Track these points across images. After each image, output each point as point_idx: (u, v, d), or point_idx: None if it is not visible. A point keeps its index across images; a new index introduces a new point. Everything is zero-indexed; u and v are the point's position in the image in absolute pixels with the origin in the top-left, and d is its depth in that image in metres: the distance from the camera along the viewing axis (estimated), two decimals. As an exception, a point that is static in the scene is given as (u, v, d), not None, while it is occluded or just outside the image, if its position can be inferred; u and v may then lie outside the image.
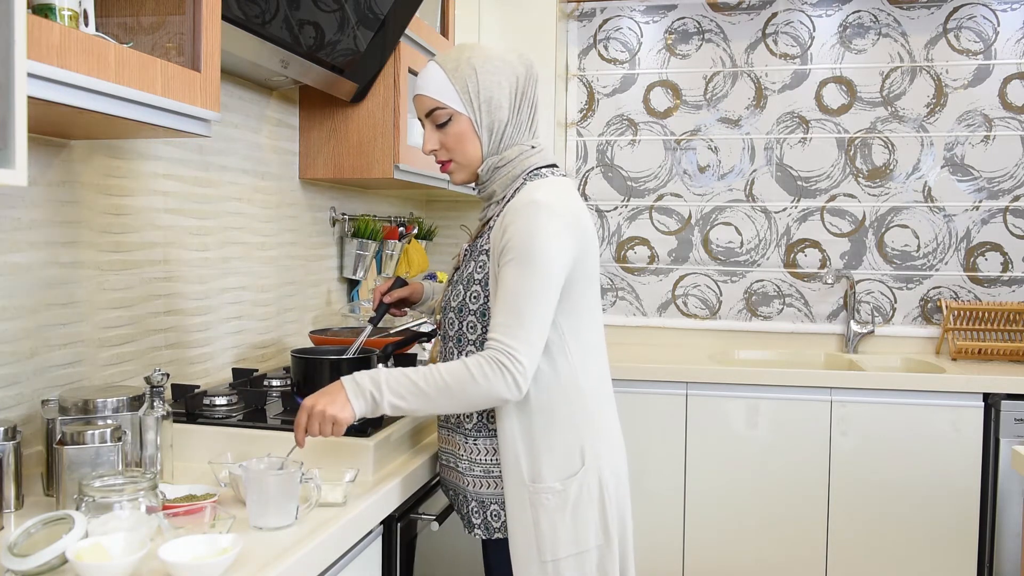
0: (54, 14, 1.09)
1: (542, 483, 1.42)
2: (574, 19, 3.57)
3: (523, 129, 1.51)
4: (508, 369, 1.33)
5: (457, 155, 1.50)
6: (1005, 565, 2.78)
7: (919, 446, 2.82)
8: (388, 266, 2.85)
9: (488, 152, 1.49)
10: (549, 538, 1.42)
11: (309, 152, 2.39)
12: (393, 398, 1.34)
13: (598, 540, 1.45)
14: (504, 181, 1.49)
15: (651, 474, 2.97)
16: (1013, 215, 3.27)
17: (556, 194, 1.42)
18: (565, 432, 1.44)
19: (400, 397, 1.34)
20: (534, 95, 1.52)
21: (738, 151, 3.46)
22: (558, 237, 1.38)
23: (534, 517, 1.42)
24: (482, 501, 1.50)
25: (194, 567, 1.03)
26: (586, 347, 1.47)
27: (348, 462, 1.47)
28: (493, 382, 1.33)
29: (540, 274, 1.36)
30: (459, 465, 1.52)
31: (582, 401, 1.45)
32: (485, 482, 1.49)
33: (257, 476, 1.22)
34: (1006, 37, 3.24)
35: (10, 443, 1.26)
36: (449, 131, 1.48)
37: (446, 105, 1.46)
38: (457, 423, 1.51)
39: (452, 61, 1.47)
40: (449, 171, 1.53)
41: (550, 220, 1.38)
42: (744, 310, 3.48)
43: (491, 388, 1.33)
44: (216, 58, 1.38)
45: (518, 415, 1.43)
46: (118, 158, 1.67)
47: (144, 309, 1.76)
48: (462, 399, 1.35)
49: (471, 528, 1.52)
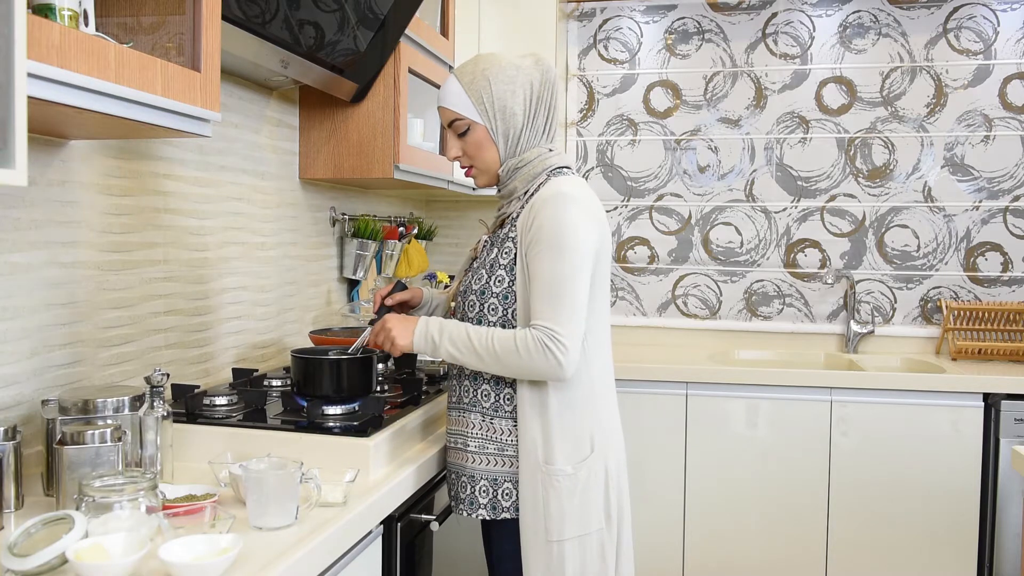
0: (54, 14, 1.09)
1: (555, 465, 1.50)
2: (574, 19, 3.58)
3: (539, 133, 1.60)
4: (551, 350, 1.43)
5: (477, 161, 1.60)
6: (1005, 565, 2.78)
7: (919, 446, 2.82)
8: (388, 266, 2.85)
9: (505, 156, 1.59)
10: (557, 519, 1.50)
11: (309, 152, 2.39)
12: (450, 347, 1.49)
13: (599, 524, 1.54)
14: (525, 178, 1.58)
15: (651, 474, 2.97)
16: (1013, 215, 3.27)
17: (581, 188, 1.53)
18: (578, 419, 1.53)
19: (456, 348, 1.48)
20: (551, 99, 1.59)
21: (738, 151, 3.46)
22: (585, 226, 1.48)
23: (544, 498, 1.50)
24: (494, 479, 1.56)
25: (194, 567, 1.03)
26: (598, 341, 1.57)
27: (348, 462, 1.47)
28: (536, 359, 1.44)
29: (572, 260, 1.46)
30: (469, 445, 1.58)
31: (593, 391, 1.55)
32: (499, 460, 1.56)
33: (257, 476, 1.22)
34: (1006, 37, 3.24)
35: (10, 443, 1.26)
36: (468, 140, 1.58)
37: (464, 116, 1.57)
38: (474, 402, 1.58)
39: (468, 74, 1.56)
40: (472, 176, 1.65)
41: (578, 210, 1.48)
42: (744, 310, 3.48)
43: (533, 365, 1.44)
44: (216, 58, 1.38)
45: (537, 400, 1.51)
46: (118, 158, 1.67)
47: (144, 309, 1.76)
48: (508, 367, 1.47)
49: (473, 509, 1.56)
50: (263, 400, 1.71)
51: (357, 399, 1.67)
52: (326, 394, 1.64)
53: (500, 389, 1.56)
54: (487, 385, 1.57)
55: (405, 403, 1.80)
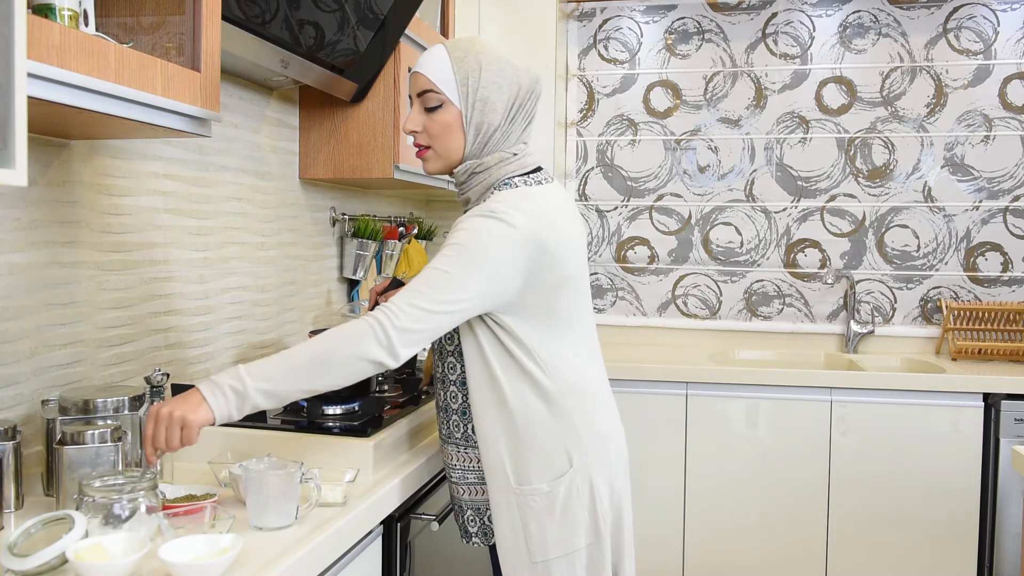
0: (54, 14, 1.09)
1: (529, 485, 1.41)
2: (574, 19, 3.57)
3: (511, 139, 1.47)
4: (383, 326, 1.27)
5: (438, 144, 1.46)
6: (1005, 565, 2.78)
7: (919, 446, 2.82)
8: (388, 266, 2.85)
9: (470, 152, 1.46)
10: (538, 540, 1.41)
11: (309, 152, 2.39)
12: (259, 383, 1.23)
13: (588, 540, 1.43)
14: (479, 189, 1.46)
15: (651, 474, 2.97)
16: (1013, 215, 3.27)
17: (517, 207, 1.36)
18: (548, 434, 1.42)
19: (267, 380, 1.23)
20: (532, 110, 1.49)
21: (738, 151, 3.46)
22: (505, 246, 1.33)
23: (522, 519, 1.41)
24: (478, 508, 1.51)
25: (194, 567, 1.03)
26: (574, 351, 1.46)
27: (348, 462, 1.47)
28: (365, 339, 1.26)
29: (468, 264, 1.31)
30: (453, 475, 1.53)
31: (564, 405, 1.42)
32: (479, 489, 1.50)
33: (257, 476, 1.22)
34: (1006, 37, 3.24)
35: (10, 443, 1.26)
36: (436, 118, 1.44)
37: (440, 90, 1.42)
38: (448, 434, 1.52)
39: (460, 51, 1.43)
40: (424, 158, 1.49)
41: (500, 229, 1.33)
42: (744, 310, 3.48)
43: (361, 346, 1.26)
44: (216, 58, 1.38)
45: (498, 419, 1.41)
46: (118, 158, 1.67)
47: (144, 309, 1.76)
48: (336, 363, 1.26)
49: (468, 538, 1.53)
50: (263, 400, 1.71)
51: (357, 399, 1.67)
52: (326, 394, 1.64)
53: (466, 420, 1.48)
54: (456, 416, 1.50)
55: (405, 403, 1.80)
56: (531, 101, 1.48)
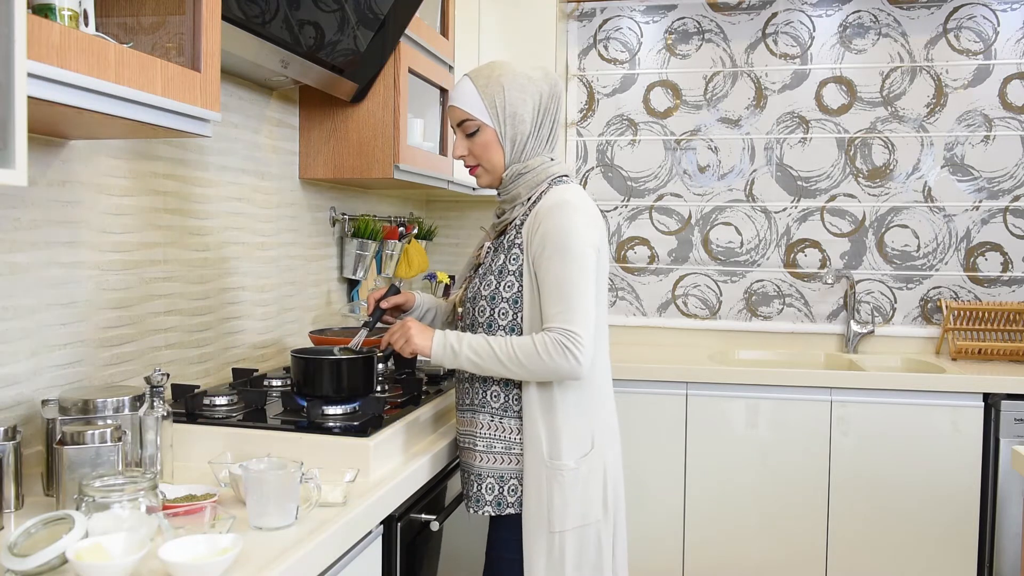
0: (54, 14, 1.09)
1: (559, 460, 1.57)
2: (574, 19, 3.57)
3: (543, 142, 1.68)
4: (570, 350, 1.50)
5: (483, 161, 1.67)
6: (1005, 565, 2.78)
7: (919, 446, 2.82)
8: (388, 266, 2.85)
9: (510, 160, 1.66)
10: (559, 511, 1.57)
11: (309, 152, 2.39)
12: (471, 354, 1.54)
13: (598, 516, 1.62)
14: (528, 185, 1.65)
15: (651, 474, 2.97)
16: (1013, 215, 3.27)
17: (582, 196, 1.62)
18: (581, 418, 1.60)
19: (476, 355, 1.54)
20: (556, 112, 1.68)
21: (738, 151, 3.46)
22: (588, 232, 1.56)
23: (549, 491, 1.57)
24: (500, 476, 1.63)
25: (194, 567, 1.03)
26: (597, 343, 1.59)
27: (348, 462, 1.47)
28: (557, 360, 1.50)
29: (578, 263, 1.53)
30: (477, 444, 1.64)
31: (594, 391, 1.63)
32: (505, 458, 1.62)
33: (257, 476, 1.22)
34: (1006, 37, 3.24)
35: (10, 443, 1.26)
36: (477, 140, 1.65)
37: (475, 117, 1.64)
38: (483, 403, 1.64)
39: (483, 78, 1.64)
40: (476, 175, 1.71)
41: (581, 217, 1.56)
42: (744, 310, 3.48)
43: (555, 366, 1.51)
44: (216, 58, 1.38)
45: (545, 399, 1.58)
46: (118, 158, 1.67)
47: (144, 309, 1.76)
48: (529, 369, 1.53)
49: (479, 507, 1.63)
50: (263, 400, 1.71)
51: (357, 399, 1.67)
52: (326, 394, 1.64)
53: (509, 390, 1.62)
54: (497, 387, 1.63)
55: (405, 403, 1.80)
56: (553, 104, 1.67)
